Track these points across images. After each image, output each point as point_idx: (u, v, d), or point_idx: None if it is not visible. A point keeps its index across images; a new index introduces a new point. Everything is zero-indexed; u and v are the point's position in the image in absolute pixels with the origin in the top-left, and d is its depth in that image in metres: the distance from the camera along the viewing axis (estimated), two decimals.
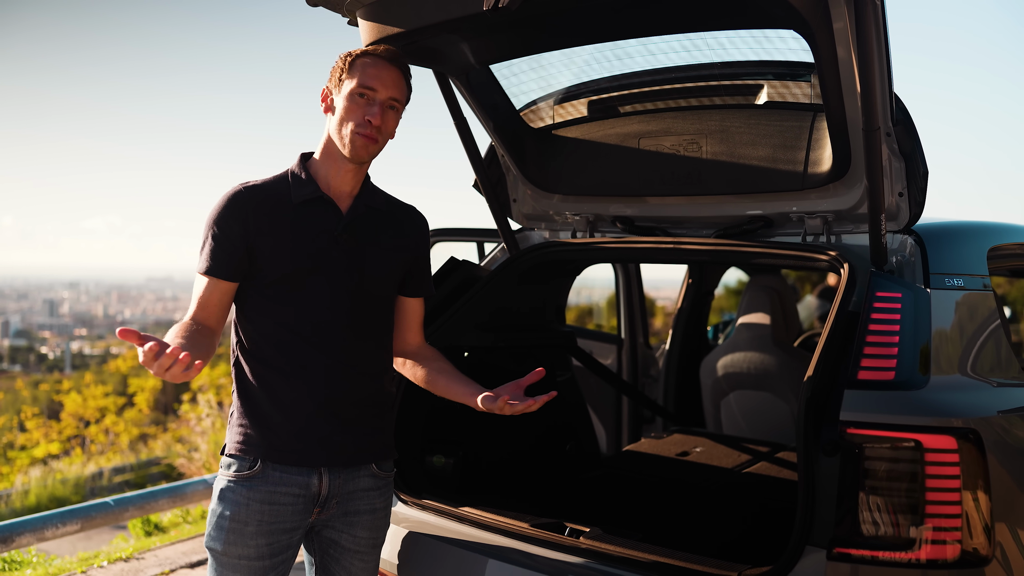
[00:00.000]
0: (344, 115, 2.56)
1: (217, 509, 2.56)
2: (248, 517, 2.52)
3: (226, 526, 2.53)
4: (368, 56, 2.59)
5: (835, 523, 2.36)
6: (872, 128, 2.48)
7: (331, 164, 2.63)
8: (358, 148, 2.56)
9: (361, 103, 2.56)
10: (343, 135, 2.56)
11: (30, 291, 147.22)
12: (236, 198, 2.56)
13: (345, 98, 2.56)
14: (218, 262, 2.53)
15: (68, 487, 12.44)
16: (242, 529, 2.52)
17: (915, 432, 2.31)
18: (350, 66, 2.59)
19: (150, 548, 6.05)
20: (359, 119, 2.55)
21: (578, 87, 3.47)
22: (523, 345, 3.95)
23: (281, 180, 2.64)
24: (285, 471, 2.56)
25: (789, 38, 2.79)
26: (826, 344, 2.56)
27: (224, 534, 2.53)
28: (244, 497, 2.53)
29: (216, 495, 2.58)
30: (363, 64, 2.58)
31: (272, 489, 2.54)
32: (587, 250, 3.61)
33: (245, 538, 2.52)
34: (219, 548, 2.54)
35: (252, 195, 2.58)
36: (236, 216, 2.54)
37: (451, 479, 3.50)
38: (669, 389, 5.77)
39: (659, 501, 3.76)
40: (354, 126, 2.55)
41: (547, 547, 2.82)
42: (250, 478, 2.54)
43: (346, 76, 2.58)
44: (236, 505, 2.53)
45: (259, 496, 2.53)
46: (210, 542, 2.56)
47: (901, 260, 2.83)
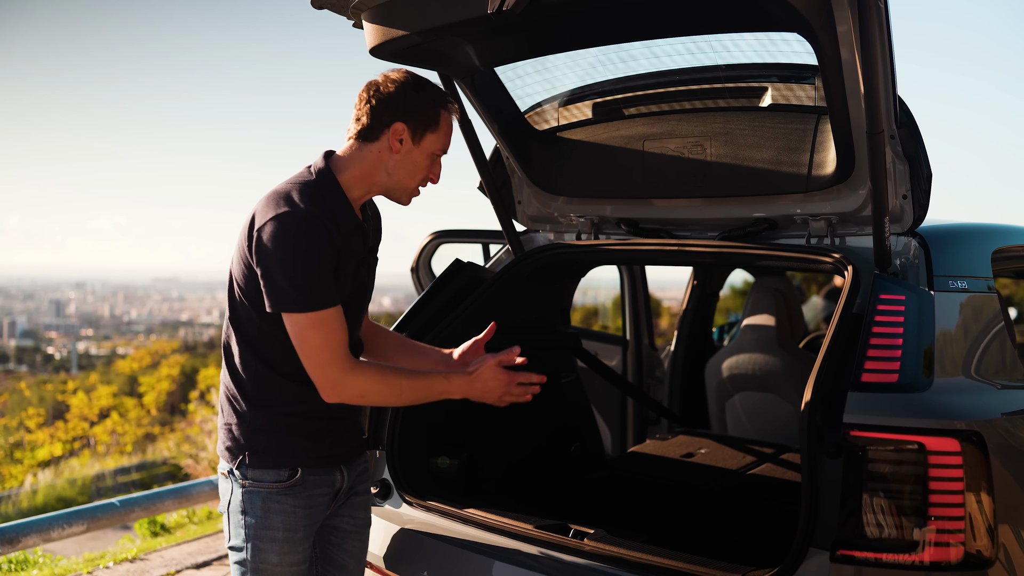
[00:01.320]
0: (418, 169, 2.57)
1: (263, 521, 2.52)
2: (296, 524, 2.55)
3: (279, 537, 2.52)
4: (451, 111, 2.60)
5: (839, 525, 2.36)
6: (876, 131, 2.48)
7: (365, 189, 2.58)
8: (408, 199, 2.63)
9: (435, 162, 2.60)
10: (407, 186, 2.59)
11: (36, 291, 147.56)
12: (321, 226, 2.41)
13: (426, 155, 2.56)
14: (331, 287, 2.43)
15: (75, 488, 12.47)
16: (292, 537, 2.54)
17: (918, 434, 2.31)
18: (439, 121, 2.56)
19: (156, 549, 6.06)
20: (427, 176, 2.60)
21: (583, 89, 3.47)
22: (528, 347, 3.95)
23: (318, 196, 2.47)
24: (317, 474, 2.60)
25: (793, 41, 2.79)
26: (830, 346, 2.57)
27: (279, 545, 2.52)
28: (290, 506, 2.54)
29: (256, 507, 2.52)
30: (447, 123, 2.58)
31: (311, 493, 2.58)
32: (592, 252, 3.62)
33: (295, 545, 2.56)
34: (274, 559, 2.52)
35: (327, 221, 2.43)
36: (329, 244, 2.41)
37: (456, 481, 3.50)
38: (674, 390, 5.76)
39: (664, 503, 3.76)
40: (421, 182, 2.60)
41: (552, 549, 2.82)
42: (291, 487, 2.54)
43: (432, 131, 2.55)
44: (284, 514, 2.53)
45: (302, 502, 2.56)
46: (262, 555, 2.51)
47: (905, 262, 2.83)
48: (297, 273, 2.37)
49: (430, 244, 5.66)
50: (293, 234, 2.37)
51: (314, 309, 2.39)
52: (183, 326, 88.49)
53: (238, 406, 2.56)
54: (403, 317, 3.46)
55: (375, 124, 2.52)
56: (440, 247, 5.70)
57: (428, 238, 5.67)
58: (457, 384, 2.58)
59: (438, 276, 3.63)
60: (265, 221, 2.40)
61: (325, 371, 2.42)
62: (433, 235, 5.68)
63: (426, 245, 5.65)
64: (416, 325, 3.44)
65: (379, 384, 2.48)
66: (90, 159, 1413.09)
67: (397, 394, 2.51)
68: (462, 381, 2.59)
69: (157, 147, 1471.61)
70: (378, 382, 2.47)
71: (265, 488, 2.53)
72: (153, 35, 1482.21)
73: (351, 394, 2.46)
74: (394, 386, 2.49)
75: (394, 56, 2.94)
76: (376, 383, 2.47)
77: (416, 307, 3.50)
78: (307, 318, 2.39)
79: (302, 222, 2.38)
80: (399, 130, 2.52)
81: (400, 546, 3.05)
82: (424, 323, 3.45)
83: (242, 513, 2.54)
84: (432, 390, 2.56)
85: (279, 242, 2.37)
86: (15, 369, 56.79)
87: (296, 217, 2.38)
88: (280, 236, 2.37)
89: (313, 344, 2.40)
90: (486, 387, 2.60)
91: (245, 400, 2.55)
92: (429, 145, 2.56)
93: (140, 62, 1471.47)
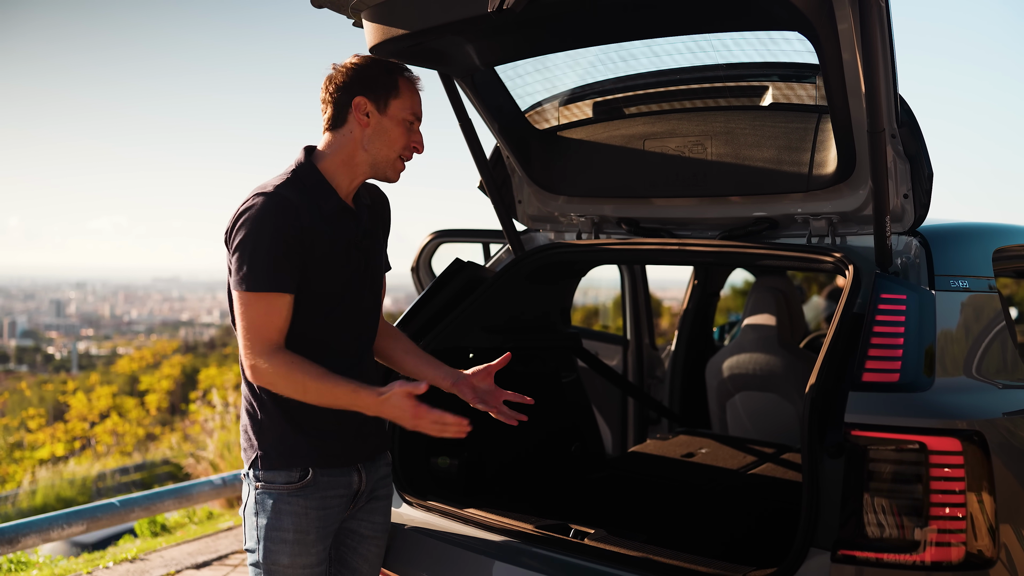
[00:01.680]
0: (394, 140, 2.57)
1: (274, 523, 2.52)
2: (308, 526, 2.54)
3: (290, 539, 2.52)
4: (411, 80, 2.60)
5: (839, 525, 2.36)
6: (877, 130, 2.48)
7: (351, 173, 2.60)
8: (394, 173, 2.61)
9: (411, 130, 2.58)
10: (388, 158, 2.58)
11: (37, 291, 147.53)
12: (287, 206, 2.44)
13: (396, 122, 2.56)
14: (287, 276, 2.44)
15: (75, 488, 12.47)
16: (304, 539, 2.53)
17: (919, 434, 2.31)
18: (398, 86, 2.57)
19: (156, 549, 6.06)
20: (407, 145, 2.58)
21: (583, 88, 3.47)
22: (528, 346, 3.95)
23: (300, 187, 2.51)
24: (331, 474, 2.58)
25: (794, 40, 2.78)
26: (831, 346, 2.56)
27: (289, 547, 2.52)
28: (301, 507, 2.53)
29: (267, 509, 2.53)
30: (409, 89, 2.59)
31: (324, 494, 2.57)
32: (592, 251, 3.61)
33: (308, 547, 2.54)
34: (285, 561, 2.52)
35: (298, 204, 2.46)
36: (293, 224, 2.43)
37: (456, 480, 3.50)
38: (675, 390, 5.76)
39: (664, 502, 3.76)
40: (401, 151, 2.58)
41: (552, 548, 2.82)
42: (303, 488, 2.54)
43: (395, 99, 2.56)
44: (295, 516, 2.52)
45: (314, 504, 2.55)
46: (273, 557, 2.52)
47: (906, 262, 2.82)
48: (247, 253, 2.41)
49: (430, 244, 5.66)
50: (254, 218, 2.42)
51: (253, 289, 2.40)
52: (183, 326, 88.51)
53: (252, 407, 2.58)
54: (403, 316, 3.45)
55: (339, 108, 2.57)
56: (440, 247, 5.70)
57: (428, 238, 5.67)
58: (365, 401, 2.43)
59: (438, 276, 3.63)
60: (239, 208, 2.47)
61: (247, 352, 2.43)
62: (433, 235, 5.68)
63: (426, 245, 5.65)
64: (416, 325, 3.44)
65: (283, 379, 2.42)
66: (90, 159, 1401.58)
67: (301, 392, 2.43)
68: (371, 400, 2.42)
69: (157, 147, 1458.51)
70: (283, 376, 2.41)
71: (276, 490, 2.53)
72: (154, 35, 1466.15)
73: (264, 380, 2.45)
74: (298, 384, 2.41)
75: (394, 55, 2.94)
76: (280, 376, 2.41)
77: (416, 307, 3.49)
78: (245, 297, 2.41)
79: (267, 206, 2.43)
80: (361, 103, 2.55)
81: (400, 546, 3.05)
82: (424, 323, 3.45)
83: (255, 515, 2.55)
84: (338, 399, 2.45)
85: (241, 225, 2.43)
86: (15, 369, 56.81)
87: (263, 201, 2.43)
88: (243, 220, 2.43)
89: (244, 324, 2.42)
90: (394, 413, 2.43)
91: (257, 400, 2.56)
92: (396, 112, 2.56)
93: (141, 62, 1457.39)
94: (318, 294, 2.52)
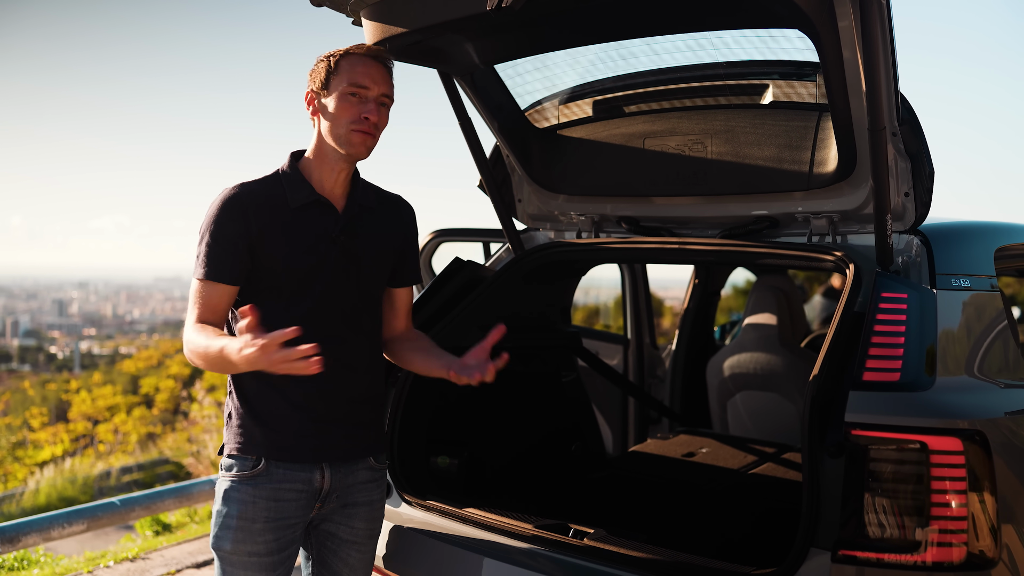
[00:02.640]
0: (338, 114, 2.56)
1: (223, 509, 2.58)
2: (255, 515, 2.55)
3: (234, 525, 2.55)
4: (353, 55, 2.60)
5: (840, 525, 2.35)
6: (878, 128, 2.47)
7: (324, 166, 2.64)
8: (356, 144, 2.57)
9: (354, 102, 2.56)
10: (339, 134, 2.57)
11: (39, 291, 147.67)
12: (234, 199, 2.56)
13: (337, 98, 2.56)
14: (222, 265, 2.52)
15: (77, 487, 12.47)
16: (249, 527, 2.55)
17: (920, 434, 2.30)
18: (336, 67, 2.58)
19: (156, 548, 6.06)
20: (355, 116, 2.56)
21: (583, 87, 3.46)
22: (528, 346, 3.94)
23: (274, 182, 2.63)
24: (289, 468, 2.59)
25: (794, 37, 2.77)
26: (831, 345, 2.55)
27: (232, 532, 2.55)
28: (250, 495, 2.56)
29: (220, 496, 2.60)
30: (351, 63, 2.58)
31: (277, 486, 2.58)
32: (592, 250, 3.60)
33: (253, 535, 2.55)
34: (227, 547, 2.56)
35: (250, 197, 2.57)
36: (235, 217, 2.53)
37: (456, 480, 3.49)
38: (675, 390, 5.75)
39: (664, 502, 3.75)
40: (350, 124, 2.56)
41: (551, 548, 2.81)
42: (254, 477, 2.57)
43: (334, 77, 2.58)
44: (242, 504, 2.55)
45: (264, 494, 2.56)
46: (217, 542, 2.58)
47: (907, 260, 2.81)
48: (200, 240, 2.55)
49: (431, 243, 5.65)
50: (211, 207, 2.57)
51: (196, 276, 2.54)
52: None
53: (227, 401, 2.67)
54: None
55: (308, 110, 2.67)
56: (440, 246, 5.69)
57: (428, 237, 5.66)
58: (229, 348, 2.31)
59: (438, 275, 3.62)
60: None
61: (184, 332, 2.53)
62: (433, 234, 5.67)
63: (426, 244, 5.64)
64: (416, 324, 3.43)
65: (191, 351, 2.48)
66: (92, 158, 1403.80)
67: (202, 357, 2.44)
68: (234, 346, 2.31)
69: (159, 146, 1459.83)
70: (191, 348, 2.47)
71: (230, 477, 2.59)
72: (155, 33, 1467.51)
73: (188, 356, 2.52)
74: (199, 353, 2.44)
75: (393, 53, 2.93)
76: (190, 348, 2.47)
77: (416, 305, 3.48)
78: (193, 284, 2.56)
79: (220, 198, 2.56)
80: (310, 97, 2.64)
81: (399, 546, 3.04)
82: (424, 321, 3.44)
83: (214, 502, 2.62)
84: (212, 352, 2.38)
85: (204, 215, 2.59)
86: (18, 368, 56.84)
87: (221, 194, 2.57)
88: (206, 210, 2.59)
89: (189, 307, 2.55)
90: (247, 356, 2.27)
91: (231, 393, 2.64)
92: (335, 87, 2.58)
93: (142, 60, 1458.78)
94: (276, 284, 2.57)
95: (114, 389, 27.15)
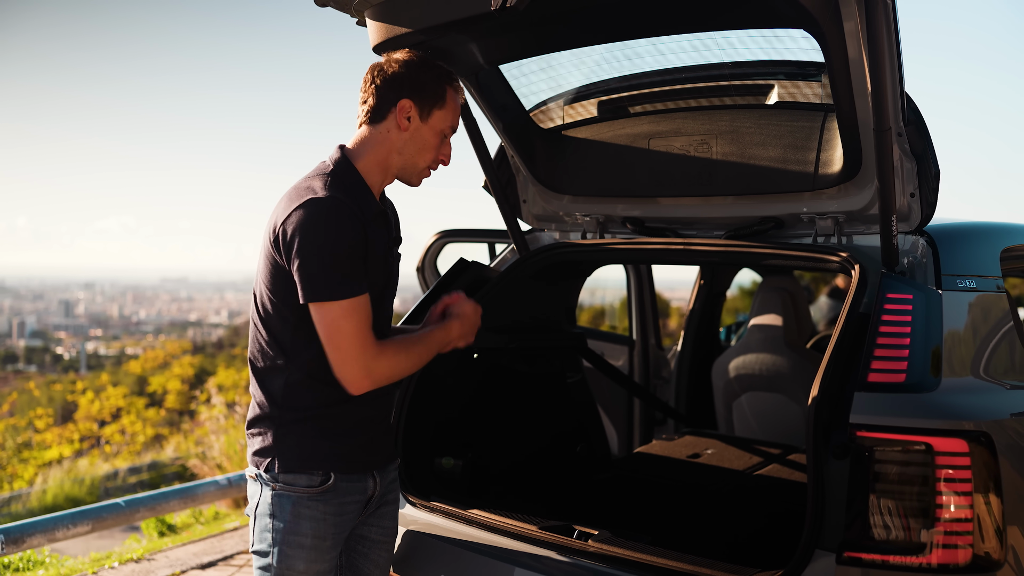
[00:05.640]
0: (427, 149, 2.54)
1: (292, 526, 2.45)
2: (326, 532, 2.49)
3: (308, 544, 2.45)
4: (457, 90, 2.58)
5: (845, 527, 2.34)
6: (883, 128, 2.46)
7: (381, 176, 2.56)
8: (419, 180, 2.60)
9: (445, 143, 2.57)
10: (417, 166, 2.56)
11: (45, 292, 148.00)
12: (347, 208, 2.37)
13: (435, 133, 2.54)
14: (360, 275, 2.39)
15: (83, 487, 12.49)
16: (321, 544, 2.48)
17: (926, 435, 2.29)
18: (445, 97, 2.53)
19: (161, 549, 6.06)
20: (437, 157, 2.57)
21: (588, 87, 3.46)
22: (533, 346, 3.94)
23: (341, 187, 2.43)
24: (350, 480, 2.53)
25: (800, 38, 2.77)
26: (836, 346, 2.54)
27: (307, 552, 2.45)
28: (320, 512, 2.48)
29: (285, 512, 2.46)
30: (454, 100, 2.56)
31: (342, 500, 2.52)
32: (597, 251, 3.60)
33: (323, 553, 2.49)
34: (301, 567, 2.45)
35: (352, 206, 2.40)
36: (358, 230, 2.38)
37: (460, 481, 3.49)
38: (681, 391, 5.74)
39: (670, 503, 3.74)
40: (432, 162, 2.56)
41: (556, 550, 2.80)
42: (323, 492, 2.48)
43: (438, 107, 2.53)
44: (314, 521, 2.47)
45: (333, 509, 2.50)
46: (287, 562, 2.44)
47: (912, 261, 2.81)
48: (328, 260, 2.32)
49: (436, 243, 5.66)
50: (323, 221, 2.33)
51: (347, 296, 2.33)
52: (192, 326, 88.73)
53: (269, 410, 2.50)
54: (407, 316, 3.44)
55: (381, 104, 2.51)
56: (446, 246, 5.70)
57: (434, 237, 5.66)
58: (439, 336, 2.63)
59: (443, 275, 3.62)
60: (290, 212, 2.36)
61: (358, 360, 2.36)
62: (439, 234, 5.67)
63: (432, 244, 5.64)
64: (419, 324, 3.43)
65: (404, 359, 2.46)
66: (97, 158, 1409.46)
67: (416, 361, 2.51)
68: (450, 324, 2.67)
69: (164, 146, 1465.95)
70: (402, 357, 2.45)
71: (296, 492, 2.46)
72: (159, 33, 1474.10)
73: (381, 379, 2.42)
74: (413, 354, 2.49)
75: None
76: (401, 359, 2.45)
77: (420, 306, 3.48)
78: (340, 306, 2.33)
79: (331, 208, 2.34)
80: (406, 107, 2.50)
81: (403, 547, 3.04)
82: (429, 323, 3.43)
83: (270, 517, 2.47)
84: (435, 342, 2.60)
85: (308, 230, 2.32)
86: (24, 369, 56.99)
87: (323, 204, 2.34)
88: (309, 224, 2.33)
89: (346, 333, 2.35)
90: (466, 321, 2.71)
91: (276, 404, 2.49)
92: (437, 122, 2.53)
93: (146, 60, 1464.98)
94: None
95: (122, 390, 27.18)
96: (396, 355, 2.44)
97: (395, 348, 2.45)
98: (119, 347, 67.69)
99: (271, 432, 2.50)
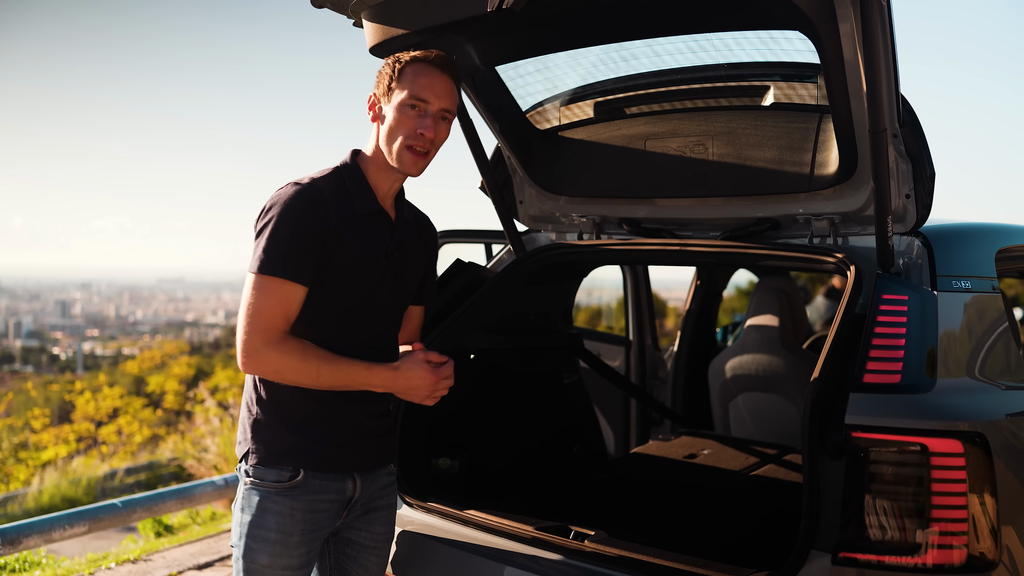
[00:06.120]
0: (394, 127, 2.48)
1: (257, 520, 2.48)
2: (292, 527, 2.49)
3: (271, 538, 2.47)
4: (419, 63, 2.50)
5: (840, 527, 2.35)
6: (878, 130, 2.47)
7: (381, 174, 2.56)
8: (407, 163, 2.49)
9: (412, 115, 2.47)
10: (392, 148, 2.49)
11: (42, 292, 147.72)
12: (315, 198, 2.42)
13: (395, 109, 2.47)
14: (301, 265, 2.39)
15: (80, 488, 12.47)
16: (287, 540, 2.48)
17: (921, 436, 2.30)
18: (400, 74, 2.49)
19: (158, 550, 6.06)
20: (410, 131, 2.47)
21: (584, 89, 3.46)
22: (530, 347, 3.95)
23: (338, 183, 2.50)
24: (324, 479, 2.53)
25: (795, 39, 2.77)
26: (832, 347, 2.55)
27: (270, 546, 2.47)
28: (288, 507, 2.48)
29: (252, 506, 2.49)
30: (414, 72, 2.49)
31: (313, 497, 2.52)
32: (593, 252, 3.60)
33: (290, 548, 2.49)
34: (264, 561, 2.47)
35: (329, 199, 2.44)
36: (317, 217, 2.40)
37: (457, 482, 3.49)
38: (677, 391, 5.75)
39: (666, 504, 3.75)
40: (404, 139, 2.47)
41: (552, 550, 2.81)
42: (292, 488, 2.49)
43: (396, 84, 2.49)
44: (280, 516, 2.48)
45: (302, 506, 2.50)
46: (251, 555, 2.47)
47: (908, 262, 2.81)
48: (267, 237, 2.37)
49: None
50: (282, 205, 2.39)
51: (262, 272, 2.36)
52: (188, 326, 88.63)
53: (252, 405, 2.55)
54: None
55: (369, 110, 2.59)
56: (442, 247, 5.70)
57: None
58: (380, 376, 2.47)
59: (440, 276, 3.62)
60: (270, 196, 2.45)
61: (249, 337, 2.35)
62: None
63: None
64: None
65: (297, 363, 2.37)
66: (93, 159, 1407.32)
67: (314, 377, 2.39)
68: (385, 375, 2.48)
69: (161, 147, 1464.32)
70: (297, 361, 2.37)
71: (264, 487, 2.49)
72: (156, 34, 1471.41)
73: (266, 368, 2.38)
74: (311, 368, 2.38)
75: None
76: (294, 361, 2.36)
77: None
78: (260, 280, 2.36)
79: (299, 194, 2.41)
80: (371, 99, 2.57)
81: (400, 547, 3.04)
82: (426, 323, 3.44)
83: (240, 510, 2.52)
84: (353, 379, 2.44)
85: (268, 210, 2.41)
86: (21, 369, 56.88)
87: (296, 189, 2.42)
88: (272, 206, 2.41)
89: (249, 306, 2.36)
90: (410, 384, 2.50)
91: (259, 399, 2.53)
92: (396, 98, 2.49)
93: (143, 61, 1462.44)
94: (332, 299, 2.48)
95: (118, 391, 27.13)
96: (292, 356, 2.37)
97: (299, 352, 2.38)
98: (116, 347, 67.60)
99: (249, 427, 2.55)
